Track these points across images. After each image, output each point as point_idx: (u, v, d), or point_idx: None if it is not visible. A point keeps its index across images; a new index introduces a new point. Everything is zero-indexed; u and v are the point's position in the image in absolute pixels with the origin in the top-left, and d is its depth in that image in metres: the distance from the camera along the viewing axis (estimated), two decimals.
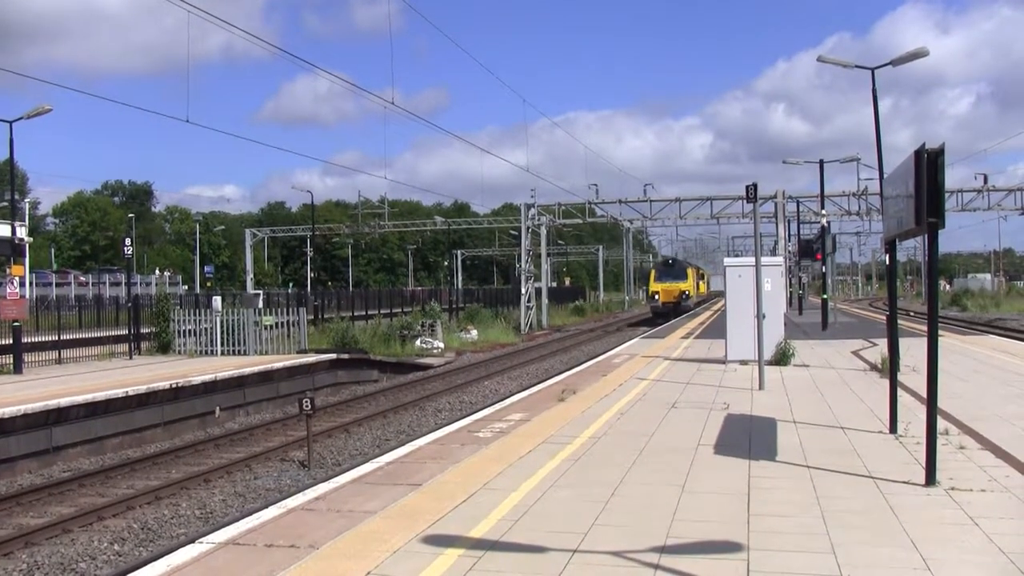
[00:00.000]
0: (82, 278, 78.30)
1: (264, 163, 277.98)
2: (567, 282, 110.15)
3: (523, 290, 52.19)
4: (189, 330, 30.06)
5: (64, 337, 27.74)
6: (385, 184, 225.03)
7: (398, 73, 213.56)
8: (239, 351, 29.06)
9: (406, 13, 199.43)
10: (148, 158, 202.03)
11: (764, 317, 17.82)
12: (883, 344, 20.50)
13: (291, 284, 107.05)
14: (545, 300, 56.21)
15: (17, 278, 26.00)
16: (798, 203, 51.44)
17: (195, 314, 30.97)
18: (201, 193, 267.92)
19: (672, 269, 66.54)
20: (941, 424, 9.97)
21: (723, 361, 21.12)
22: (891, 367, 12.13)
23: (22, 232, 26.29)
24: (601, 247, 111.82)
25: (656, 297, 64.06)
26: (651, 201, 52.89)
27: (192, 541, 7.40)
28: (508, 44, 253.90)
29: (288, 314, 31.42)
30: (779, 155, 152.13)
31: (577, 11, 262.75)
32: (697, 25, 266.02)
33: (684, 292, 63.60)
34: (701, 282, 79.71)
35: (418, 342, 34.76)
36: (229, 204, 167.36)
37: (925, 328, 9.19)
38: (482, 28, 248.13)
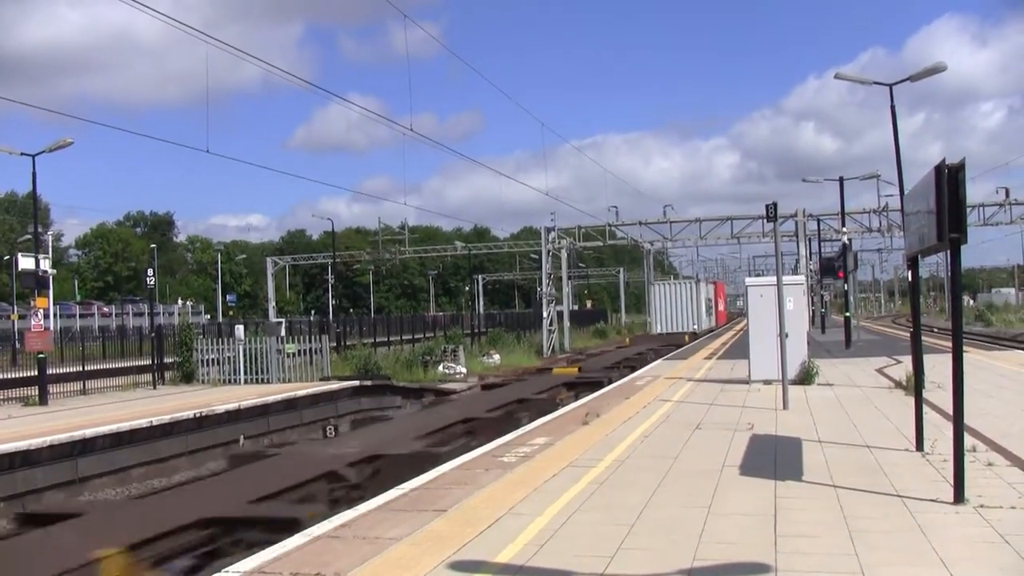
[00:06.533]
0: (105, 309, 79.08)
1: (292, 192, 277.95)
2: (589, 305, 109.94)
3: (545, 313, 52.01)
4: (212, 359, 30.19)
5: (88, 368, 27.86)
6: (409, 210, 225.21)
7: (434, 98, 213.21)
8: (262, 379, 29.15)
9: (438, 39, 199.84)
10: (172, 189, 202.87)
11: (787, 336, 17.74)
12: (907, 361, 20.36)
13: (313, 311, 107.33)
14: (567, 323, 55.99)
15: (41, 310, 26.19)
16: (819, 221, 51.33)
17: (218, 343, 31.12)
18: (226, 222, 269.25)
19: None
20: (968, 441, 9.90)
21: (746, 381, 21.01)
22: (916, 384, 12.06)
23: (46, 264, 26.40)
24: (622, 269, 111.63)
25: None
26: (671, 222, 52.75)
27: (218, 571, 7.41)
28: (537, 69, 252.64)
29: (311, 341, 31.52)
30: (808, 173, 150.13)
31: (606, 34, 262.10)
32: (725, 45, 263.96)
33: None
34: None
35: (441, 367, 34.76)
36: (253, 233, 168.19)
37: (949, 344, 9.12)
38: (513, 53, 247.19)
